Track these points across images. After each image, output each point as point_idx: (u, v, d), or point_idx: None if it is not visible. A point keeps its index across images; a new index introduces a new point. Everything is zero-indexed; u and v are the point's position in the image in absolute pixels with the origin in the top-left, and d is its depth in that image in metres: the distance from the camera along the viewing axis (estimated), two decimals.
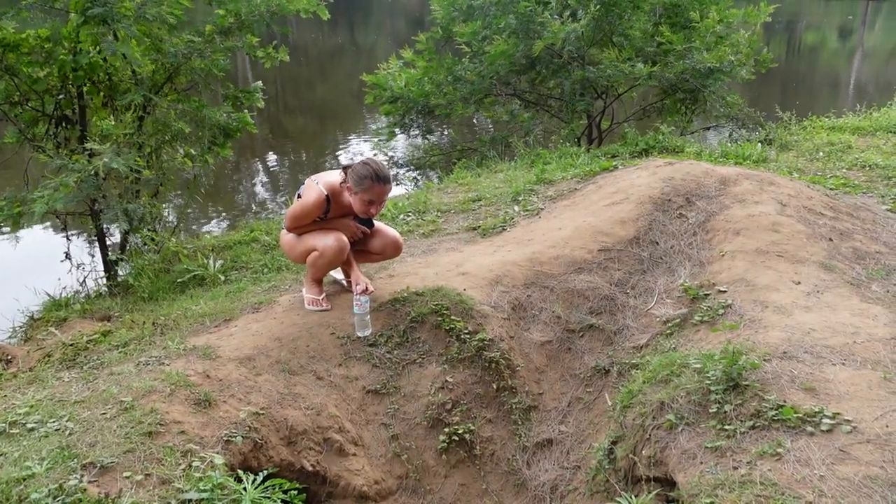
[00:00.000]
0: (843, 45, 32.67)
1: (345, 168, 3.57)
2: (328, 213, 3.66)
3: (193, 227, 8.74)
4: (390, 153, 9.89)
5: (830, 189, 5.46)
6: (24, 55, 5.03)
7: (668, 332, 3.74)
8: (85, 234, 6.35)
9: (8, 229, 5.33)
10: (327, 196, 3.60)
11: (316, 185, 3.61)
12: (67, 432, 2.61)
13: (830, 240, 4.26)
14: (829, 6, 49.14)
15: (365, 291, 3.62)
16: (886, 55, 28.98)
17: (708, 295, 3.85)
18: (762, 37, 8.60)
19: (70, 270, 5.48)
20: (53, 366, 3.56)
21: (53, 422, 2.69)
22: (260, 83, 6.11)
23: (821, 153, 6.94)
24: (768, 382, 2.80)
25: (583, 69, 8.06)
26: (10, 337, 4.65)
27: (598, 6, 7.69)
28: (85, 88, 5.36)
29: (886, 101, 9.62)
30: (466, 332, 3.67)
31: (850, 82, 21.85)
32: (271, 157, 12.63)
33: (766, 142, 7.54)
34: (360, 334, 3.62)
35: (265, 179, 11.57)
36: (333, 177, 3.64)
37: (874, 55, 28.87)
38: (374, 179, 3.46)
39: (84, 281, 5.46)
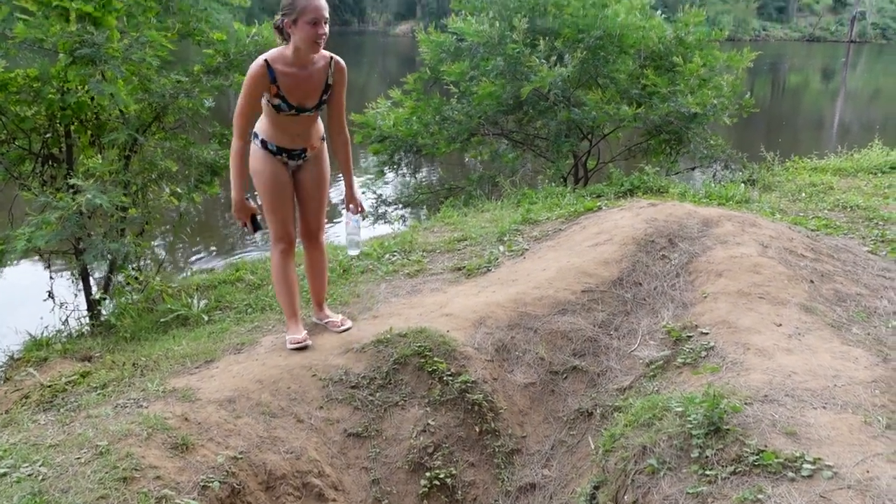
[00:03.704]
0: (827, 86, 33.27)
1: (276, 28, 3.45)
2: (279, 87, 3.42)
3: (182, 262, 8.74)
4: (379, 191, 9.93)
5: (812, 230, 5.52)
6: (13, 94, 5.05)
7: (652, 374, 3.74)
8: (69, 272, 6.31)
9: None
10: (266, 62, 3.38)
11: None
12: (40, 478, 2.57)
13: (811, 281, 4.29)
14: (812, 49, 50.12)
15: (359, 210, 3.90)
16: (868, 96, 29.50)
17: (691, 337, 3.85)
18: (747, 78, 8.74)
19: (52, 309, 5.44)
20: (30, 408, 3.52)
21: (27, 466, 2.64)
22: None
23: (803, 194, 7.02)
24: (749, 426, 2.79)
25: (568, 110, 8.16)
26: None
27: (584, 51, 7.82)
28: (72, 127, 5.38)
29: (867, 141, 9.78)
30: (449, 373, 3.66)
31: (834, 123, 22.20)
32: None
33: (749, 182, 7.63)
34: (351, 253, 4.01)
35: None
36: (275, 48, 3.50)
37: (857, 96, 29.42)
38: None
39: (66, 320, 5.41)
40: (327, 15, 3.35)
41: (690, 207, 5.29)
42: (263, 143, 3.61)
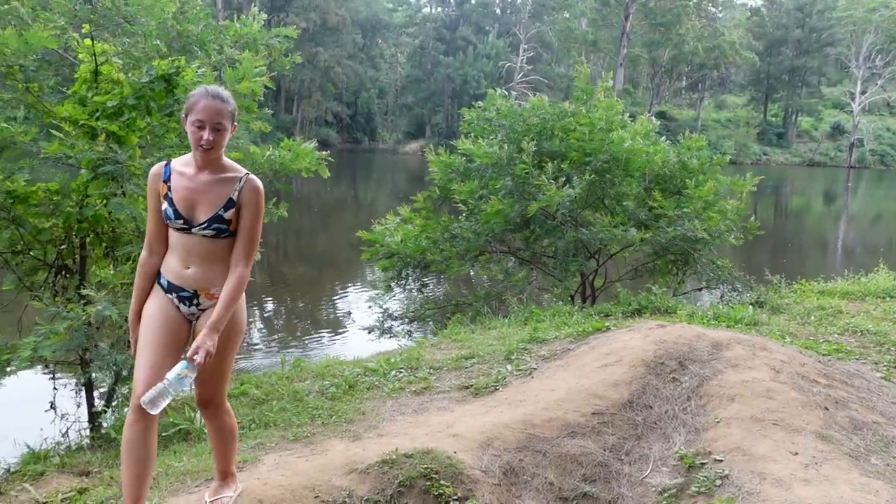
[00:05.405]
0: (829, 209, 33.83)
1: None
2: (169, 186, 2.87)
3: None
4: (385, 306, 9.96)
5: (823, 355, 5.47)
6: (33, 206, 5.17)
7: (665, 502, 3.62)
8: (73, 383, 6.27)
9: None
10: (168, 161, 2.94)
11: None
12: None
13: (826, 408, 4.22)
14: (813, 173, 51.33)
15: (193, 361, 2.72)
16: (870, 220, 29.92)
17: (704, 464, 3.76)
18: (750, 201, 8.93)
19: (53, 420, 5.36)
20: None
21: None
22: None
23: (812, 317, 7.00)
24: None
25: (575, 230, 8.29)
26: None
27: (591, 173, 8.03)
28: (88, 239, 5.48)
29: (872, 264, 9.84)
30: (456, 498, 3.54)
31: (838, 246, 22.42)
32: (269, 304, 12.74)
33: (757, 304, 7.63)
34: (145, 404, 2.64)
35: (261, 325, 11.60)
36: None
37: (859, 220, 29.84)
38: (201, 95, 2.79)
39: (67, 432, 5.32)
40: (220, 120, 2.80)
41: (700, 330, 5.28)
42: (158, 274, 2.98)
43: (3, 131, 4.89)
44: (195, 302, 2.93)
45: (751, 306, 7.33)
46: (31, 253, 5.41)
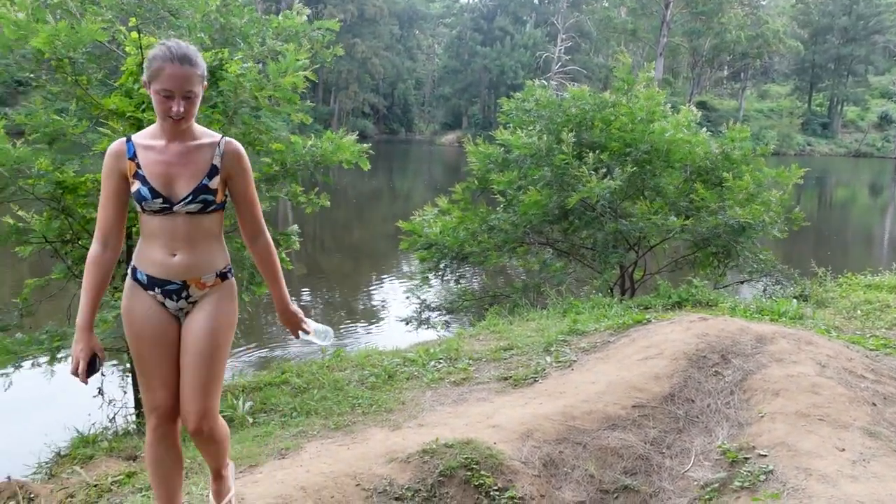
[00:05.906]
0: (875, 201, 33.03)
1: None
2: (138, 164, 2.46)
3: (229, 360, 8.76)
4: (423, 297, 9.99)
5: (871, 350, 5.36)
6: (81, 197, 5.29)
7: (707, 497, 3.59)
8: (121, 369, 6.42)
9: (45, 362, 5.39)
10: (128, 137, 2.51)
11: None
12: None
13: (874, 404, 4.14)
14: (858, 164, 50.11)
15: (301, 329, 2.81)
16: None
17: (748, 459, 3.71)
18: (794, 192, 8.74)
19: (101, 406, 5.49)
20: None
21: None
22: (296, 227, 6.30)
23: (859, 311, 6.86)
24: None
25: (615, 221, 8.22)
26: (34, 473, 4.61)
27: (632, 165, 7.95)
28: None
29: None
30: (496, 488, 3.55)
31: (885, 238, 21.91)
32: (305, 294, 12.86)
33: (801, 297, 7.49)
34: (325, 343, 2.92)
35: None
36: None
37: None
38: (164, 59, 2.36)
39: (114, 417, 5.46)
40: (190, 87, 2.40)
41: (743, 323, 5.21)
42: (133, 270, 2.56)
43: (55, 123, 5.00)
44: (184, 294, 2.54)
45: (795, 300, 7.21)
46: (80, 242, 5.54)
